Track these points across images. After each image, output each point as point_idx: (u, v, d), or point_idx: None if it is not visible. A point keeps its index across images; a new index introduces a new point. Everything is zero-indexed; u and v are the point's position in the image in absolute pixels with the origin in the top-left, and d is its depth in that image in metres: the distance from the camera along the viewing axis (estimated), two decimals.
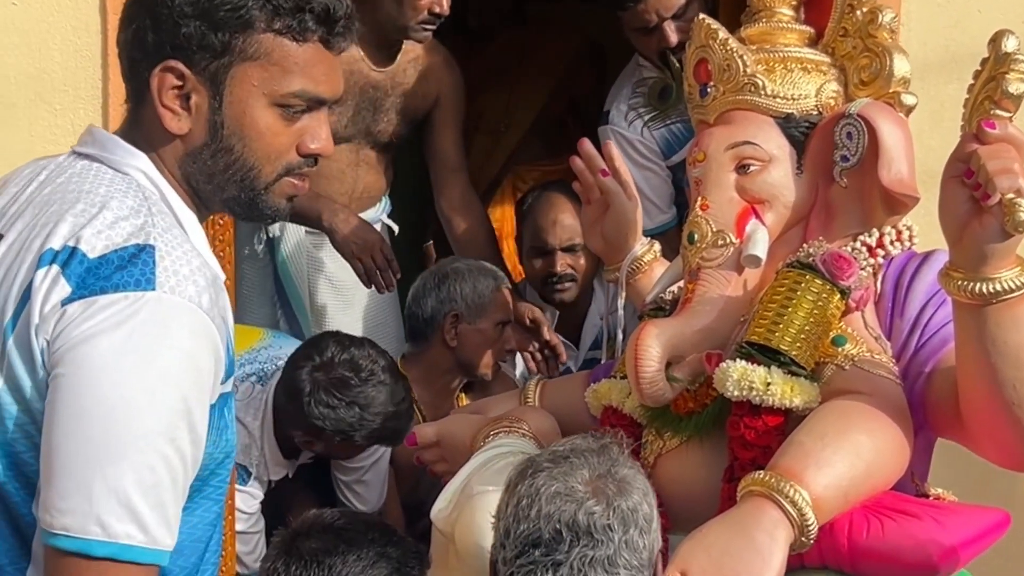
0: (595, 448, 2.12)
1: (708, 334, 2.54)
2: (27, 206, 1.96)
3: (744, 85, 2.58)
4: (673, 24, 3.65)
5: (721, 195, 2.57)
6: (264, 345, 3.60)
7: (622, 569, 2.04)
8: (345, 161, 3.94)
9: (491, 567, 2.15)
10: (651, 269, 2.96)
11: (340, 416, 3.26)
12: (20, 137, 2.81)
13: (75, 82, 2.83)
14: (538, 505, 2.06)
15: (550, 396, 3.02)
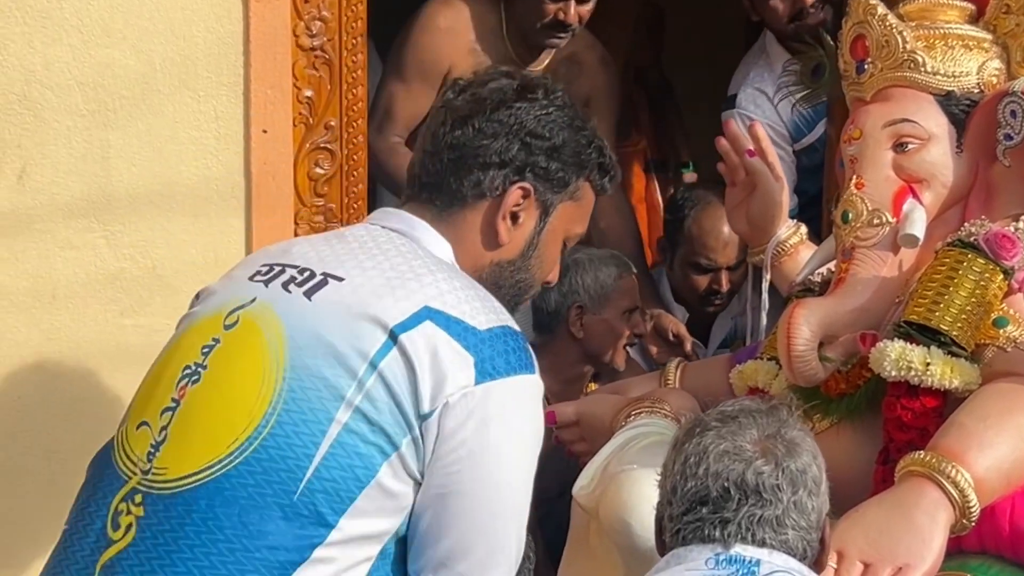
0: (764, 409, 2.12)
1: (862, 314, 2.50)
2: (350, 256, 2.05)
3: (903, 62, 2.53)
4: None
5: (877, 173, 2.53)
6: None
7: (790, 530, 2.04)
8: None
9: (656, 523, 2.16)
10: (796, 252, 2.91)
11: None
12: (165, 123, 2.86)
13: (217, 69, 2.88)
14: (706, 463, 2.06)
15: (691, 378, 3.00)
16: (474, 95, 2.11)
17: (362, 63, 3.06)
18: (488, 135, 2.08)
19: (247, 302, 2.03)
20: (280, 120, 2.97)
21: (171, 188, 2.91)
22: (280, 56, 2.94)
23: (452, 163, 2.09)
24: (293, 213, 3.01)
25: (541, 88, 2.13)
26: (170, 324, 2.83)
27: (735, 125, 2.93)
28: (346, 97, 3.05)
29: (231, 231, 2.95)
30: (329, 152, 3.05)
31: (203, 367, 2.00)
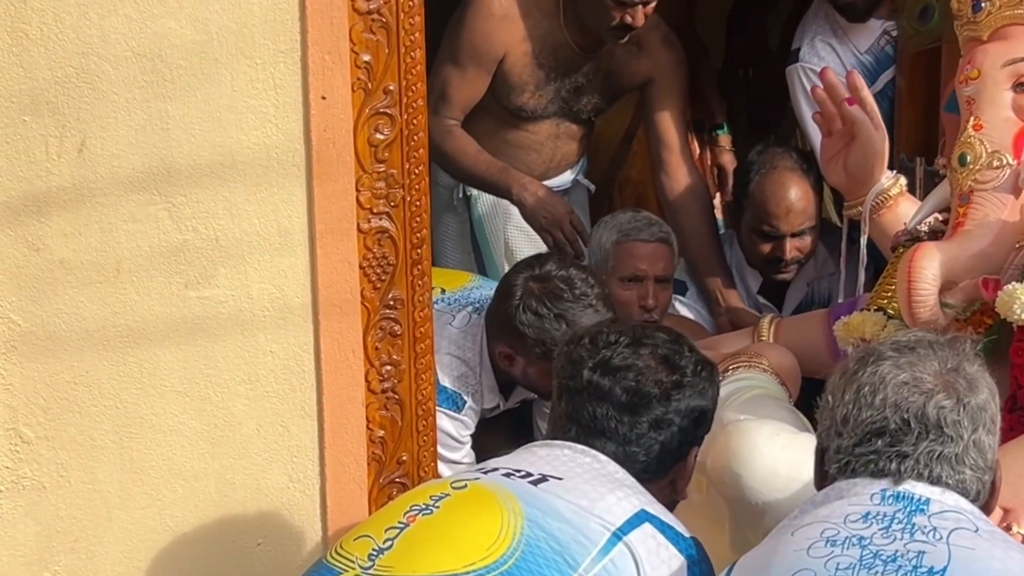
0: (943, 341, 2.03)
1: (983, 259, 2.46)
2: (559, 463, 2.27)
3: None
4: None
5: (996, 114, 2.49)
6: (475, 285, 3.61)
7: (968, 469, 1.97)
8: (545, 134, 4.01)
9: (818, 454, 2.07)
10: (896, 204, 2.89)
11: (545, 327, 3.20)
12: (223, 92, 2.80)
13: (275, 35, 2.81)
14: (883, 393, 1.97)
15: (786, 334, 2.96)
16: (632, 389, 2.30)
17: (419, 25, 2.96)
18: (666, 429, 2.30)
19: (472, 479, 2.27)
20: (339, 86, 2.88)
21: (231, 158, 2.82)
22: (337, 21, 2.86)
23: (639, 454, 2.30)
24: (355, 180, 2.91)
25: (690, 366, 2.34)
26: (235, 295, 2.83)
27: (831, 74, 2.88)
28: (404, 61, 2.96)
29: (293, 200, 2.86)
30: (389, 117, 2.95)
31: (436, 507, 2.22)
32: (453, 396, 3.38)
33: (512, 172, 3.80)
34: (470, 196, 4.11)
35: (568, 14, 3.78)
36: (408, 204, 3.00)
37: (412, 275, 3.03)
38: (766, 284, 3.98)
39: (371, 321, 2.97)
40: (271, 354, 2.85)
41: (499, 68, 3.82)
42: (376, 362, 2.99)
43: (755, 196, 3.85)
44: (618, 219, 3.73)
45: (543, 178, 3.97)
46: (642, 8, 3.65)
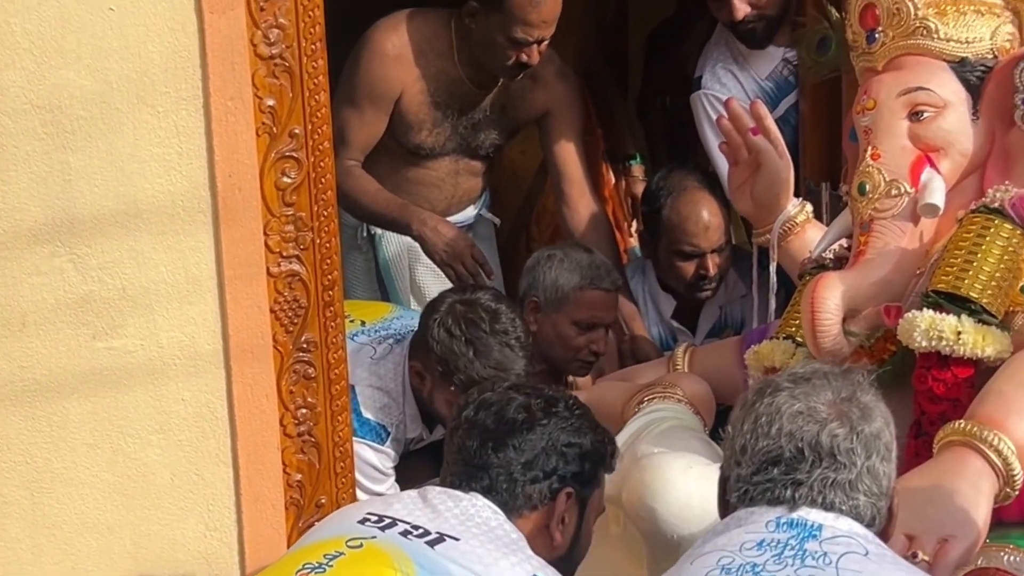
0: (838, 372, 2.06)
1: (884, 287, 2.48)
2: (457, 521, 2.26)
3: (915, 29, 2.53)
4: None
5: (893, 143, 2.52)
6: (396, 316, 3.58)
7: (861, 495, 1.99)
8: (445, 171, 4.02)
9: (721, 484, 2.09)
10: (804, 230, 2.91)
11: (451, 347, 3.20)
12: (126, 141, 2.79)
13: (176, 83, 2.81)
14: (779, 423, 2.00)
15: (700, 362, 2.97)
16: (500, 416, 2.32)
17: (323, 69, 2.97)
18: (529, 453, 2.29)
19: (368, 536, 2.23)
20: (243, 131, 2.88)
21: (136, 207, 2.80)
22: (239, 66, 2.85)
23: (502, 480, 2.29)
24: (262, 224, 2.91)
25: (561, 401, 2.36)
26: (144, 345, 2.80)
27: (736, 104, 2.91)
28: (309, 104, 2.96)
29: (200, 246, 2.84)
30: (295, 160, 2.95)
31: (329, 566, 2.19)
32: (376, 428, 3.37)
33: (412, 208, 3.82)
34: (375, 235, 4.12)
35: (462, 52, 3.80)
36: (318, 246, 2.99)
37: (325, 317, 3.02)
38: (679, 308, 4.00)
39: (284, 365, 2.96)
40: (183, 402, 2.83)
41: (396, 107, 3.83)
42: (291, 406, 2.97)
43: (671, 219, 3.87)
44: (577, 260, 3.68)
45: (446, 214, 3.99)
46: (537, 47, 3.67)
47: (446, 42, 3.84)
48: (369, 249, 4.14)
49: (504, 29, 3.64)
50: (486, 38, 3.69)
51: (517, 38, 3.63)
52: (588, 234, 3.99)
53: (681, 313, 4.01)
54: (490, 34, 3.67)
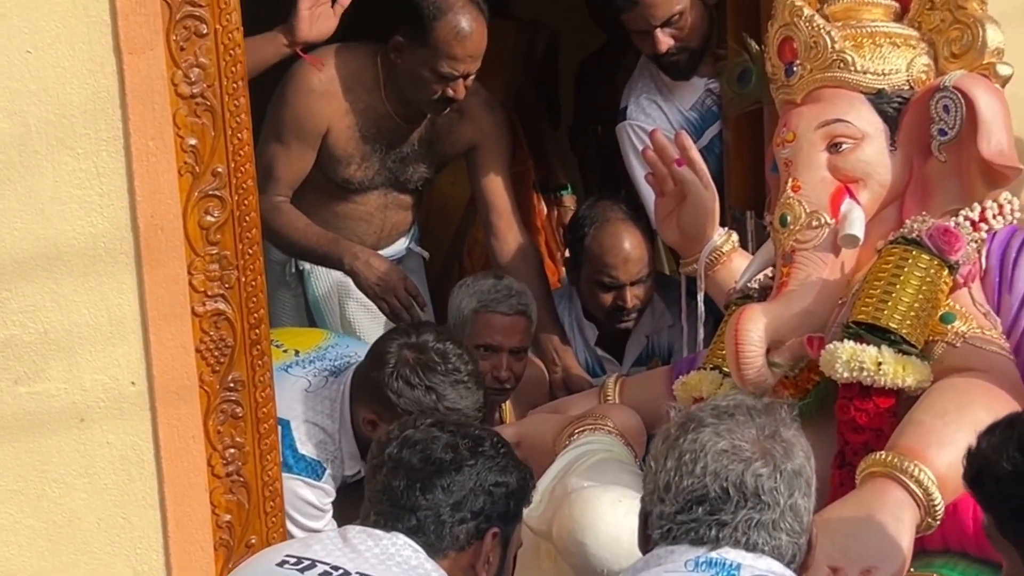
0: (761, 407, 2.05)
1: (807, 317, 2.49)
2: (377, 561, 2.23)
3: (833, 62, 2.54)
4: (666, 31, 3.71)
5: (813, 175, 2.53)
6: (330, 344, 3.54)
7: (784, 534, 1.98)
8: (374, 205, 4.00)
9: (642, 518, 2.08)
10: (730, 260, 2.92)
11: (415, 397, 3.15)
12: (45, 183, 2.77)
13: (95, 124, 2.80)
14: (704, 462, 1.99)
15: (631, 393, 2.97)
16: (427, 456, 2.29)
17: (245, 107, 2.96)
18: (458, 494, 2.27)
19: None
20: (164, 171, 2.86)
21: (57, 249, 2.78)
22: (159, 106, 2.84)
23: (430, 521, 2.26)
24: (186, 264, 2.89)
25: (487, 440, 2.33)
26: (67, 388, 2.78)
27: (661, 136, 2.92)
28: (232, 142, 2.95)
29: (123, 288, 2.82)
30: (219, 199, 2.94)
31: None
32: (312, 464, 3.32)
33: (343, 242, 3.81)
34: (303, 271, 4.10)
35: (389, 87, 3.80)
36: (243, 285, 2.97)
37: (252, 355, 3.00)
38: (604, 336, 4.01)
39: (211, 405, 2.94)
40: (108, 445, 2.80)
41: (323, 142, 3.82)
42: (219, 446, 2.96)
43: (592, 249, 3.88)
44: (479, 285, 3.69)
45: (375, 248, 3.98)
46: (463, 81, 3.67)
47: (372, 77, 3.83)
48: (298, 285, 4.11)
49: (430, 64, 3.64)
50: (412, 72, 3.68)
51: (443, 72, 3.63)
52: (517, 265, 3.97)
53: (607, 341, 4.01)
54: (416, 68, 3.66)
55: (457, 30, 3.61)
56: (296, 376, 3.37)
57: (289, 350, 3.42)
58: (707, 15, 3.82)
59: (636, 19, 3.78)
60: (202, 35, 2.85)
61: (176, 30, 2.81)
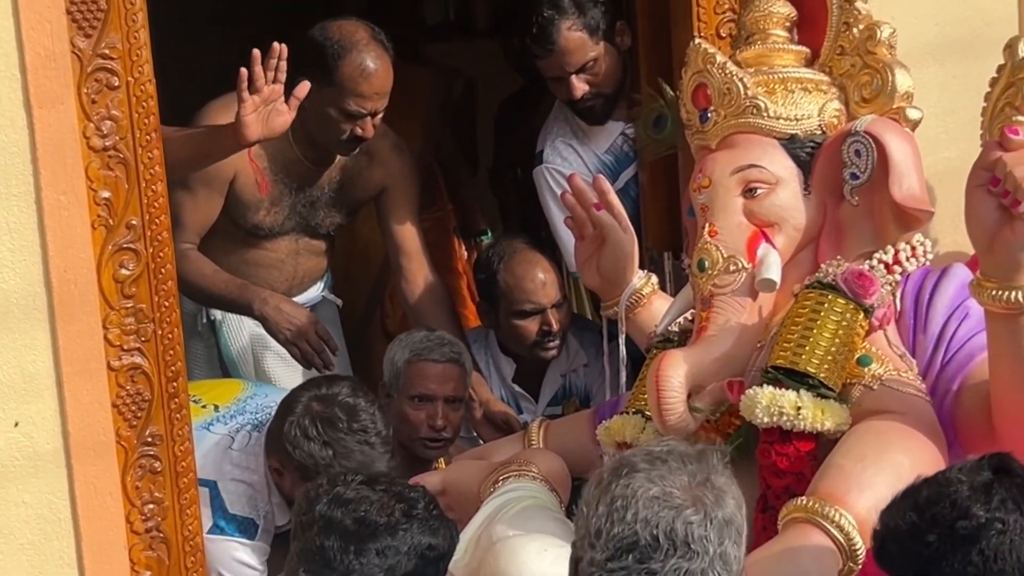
0: (693, 453, 2.05)
1: (727, 362, 2.50)
2: None
3: (746, 108, 2.55)
4: (580, 77, 3.75)
5: (729, 220, 2.54)
6: (250, 394, 3.51)
7: None
8: (285, 251, 3.96)
9: (572, 564, 2.05)
10: (650, 302, 2.92)
11: (310, 450, 3.12)
12: None
13: (6, 179, 2.79)
14: (635, 508, 1.96)
15: (555, 437, 2.96)
16: (360, 518, 2.25)
17: (159, 159, 2.95)
18: (392, 558, 2.23)
19: None
20: (77, 225, 2.84)
21: None
22: (71, 160, 2.83)
23: None
24: (101, 318, 2.87)
25: (420, 501, 2.30)
26: None
27: (579, 180, 2.93)
28: (146, 194, 2.93)
29: (36, 344, 2.80)
30: (134, 252, 2.92)
31: None
32: (244, 523, 3.28)
33: (252, 287, 3.77)
34: (215, 321, 4.05)
35: (297, 130, 3.77)
36: (160, 337, 2.95)
37: (170, 409, 2.98)
38: (522, 372, 4.02)
39: (129, 460, 2.91)
40: (24, 504, 2.77)
41: (231, 188, 3.77)
42: (137, 502, 2.93)
43: (507, 282, 3.89)
44: (412, 337, 3.68)
45: (288, 295, 3.94)
46: (371, 119, 3.66)
47: None
48: (211, 336, 4.05)
49: (337, 103, 3.62)
50: (319, 113, 3.66)
51: (350, 111, 3.62)
52: (427, 307, 3.97)
53: (523, 377, 4.02)
54: (323, 108, 3.64)
55: (362, 68, 3.60)
56: (218, 434, 3.33)
57: (208, 405, 3.38)
58: (620, 61, 3.86)
59: (551, 66, 3.81)
60: (114, 87, 2.83)
61: (87, 83, 2.80)
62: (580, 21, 3.78)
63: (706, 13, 3.43)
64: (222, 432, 3.35)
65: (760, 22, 2.68)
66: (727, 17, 3.43)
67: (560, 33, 3.76)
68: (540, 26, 3.77)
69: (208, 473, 3.16)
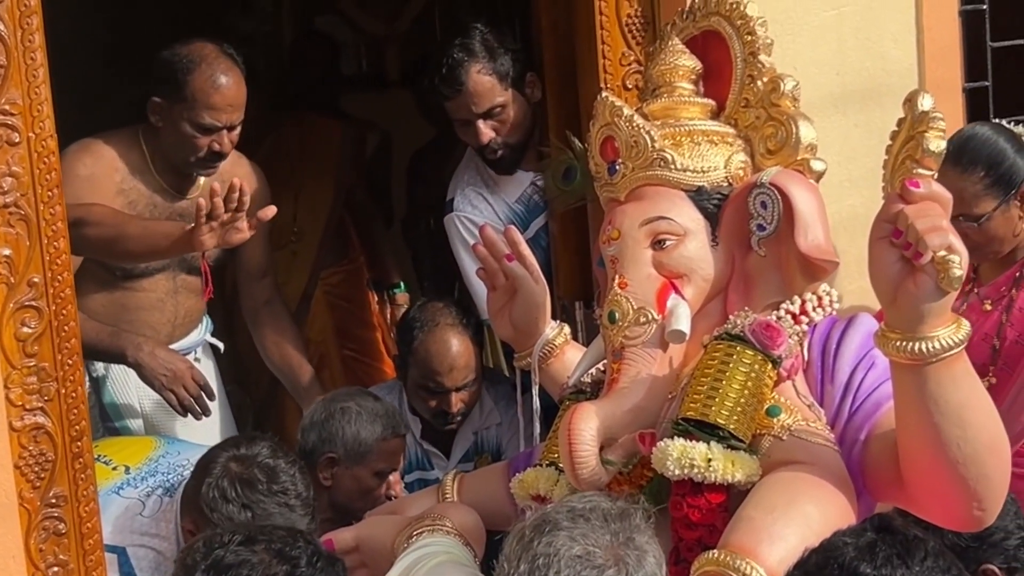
0: (616, 512, 2.05)
1: (638, 413, 2.49)
2: None
3: (653, 160, 2.56)
4: (488, 122, 3.76)
5: (639, 272, 2.54)
6: (161, 453, 3.44)
7: None
8: (163, 290, 3.93)
9: None
10: (563, 352, 2.93)
11: (228, 512, 3.06)
12: None
13: None
14: (557, 567, 1.98)
15: (469, 490, 2.94)
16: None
17: (61, 215, 2.92)
18: None
19: None
20: None
21: None
22: None
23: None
24: (2, 377, 2.83)
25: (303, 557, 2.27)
26: None
27: (490, 231, 2.93)
28: (48, 251, 2.90)
29: None
30: (36, 310, 2.88)
31: None
32: None
33: (124, 334, 3.73)
34: (98, 376, 4.00)
35: (157, 161, 3.77)
36: (63, 397, 2.92)
37: (74, 469, 2.93)
38: (432, 429, 4.01)
39: (33, 522, 2.87)
40: None
41: None
42: (41, 564, 2.88)
43: (419, 353, 3.89)
44: (373, 411, 3.64)
45: (170, 340, 3.92)
46: (227, 133, 3.66)
47: (139, 155, 3.80)
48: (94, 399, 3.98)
49: (191, 117, 3.63)
50: (175, 131, 3.67)
51: (205, 124, 3.63)
52: (272, 326, 4.08)
53: (434, 434, 4.02)
54: (178, 125, 3.66)
55: (213, 79, 3.63)
56: (129, 498, 3.26)
57: (119, 467, 3.31)
58: (530, 111, 3.89)
59: (459, 107, 3.84)
60: (14, 143, 2.81)
61: None
62: (490, 66, 3.81)
63: (612, 65, 3.48)
64: (133, 496, 3.28)
65: (666, 75, 2.70)
66: (632, 69, 3.49)
67: (469, 75, 3.80)
68: (450, 67, 3.80)
69: (117, 539, 3.10)
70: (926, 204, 2.13)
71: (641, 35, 3.56)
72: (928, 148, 2.14)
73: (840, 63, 3.77)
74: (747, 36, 2.63)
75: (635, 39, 3.56)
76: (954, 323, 2.18)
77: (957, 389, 2.21)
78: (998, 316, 3.61)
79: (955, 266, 2.09)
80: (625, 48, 3.56)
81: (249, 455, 3.10)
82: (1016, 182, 3.45)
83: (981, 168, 3.40)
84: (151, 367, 3.70)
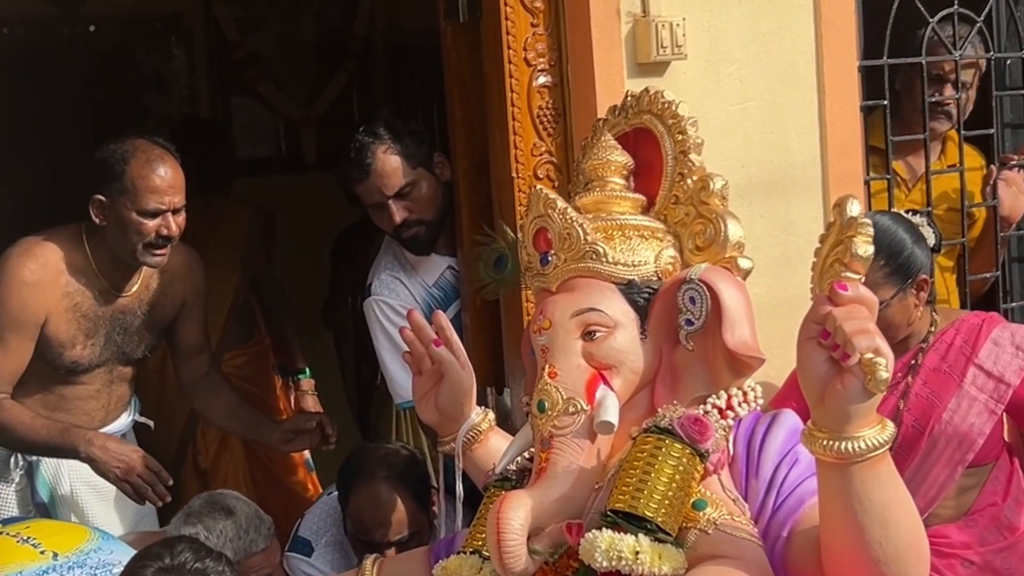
0: None
1: (566, 503, 2.51)
2: None
3: (585, 253, 2.59)
4: (399, 203, 3.81)
5: (569, 362, 2.56)
6: (93, 547, 3.31)
7: None
8: (100, 381, 3.99)
9: None
10: (487, 438, 2.94)
11: None
12: None
13: None
14: None
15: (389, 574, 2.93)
16: None
17: None
18: None
19: None
20: None
21: None
22: None
23: None
24: None
25: None
26: None
27: (418, 315, 2.95)
28: None
29: None
30: None
31: None
32: None
33: (74, 430, 3.75)
34: (31, 462, 4.00)
35: (98, 259, 3.80)
36: None
37: None
38: None
39: None
40: None
41: (43, 332, 3.77)
42: None
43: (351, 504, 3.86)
44: (224, 534, 3.63)
45: (103, 424, 3.94)
46: (173, 216, 3.69)
47: (82, 255, 3.84)
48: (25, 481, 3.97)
49: (136, 205, 3.69)
50: (120, 223, 3.71)
51: (150, 209, 3.68)
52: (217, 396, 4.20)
53: None
54: (123, 215, 3.69)
55: (150, 164, 3.70)
56: None
57: (47, 551, 3.22)
58: (440, 189, 3.94)
59: (370, 190, 3.90)
60: None
61: None
62: (395, 147, 3.88)
63: (523, 155, 3.55)
64: None
65: (598, 169, 2.74)
66: (544, 159, 3.55)
67: (375, 156, 3.86)
68: (357, 151, 3.86)
69: None
70: (854, 307, 2.18)
71: (552, 127, 3.65)
72: (856, 252, 2.19)
73: (746, 155, 3.86)
74: (678, 135, 2.69)
75: (546, 131, 3.65)
76: (879, 424, 2.23)
77: (881, 488, 2.25)
78: (895, 402, 3.70)
79: (882, 368, 2.13)
80: (536, 139, 3.64)
81: (176, 565, 2.99)
82: (913, 271, 3.56)
83: (881, 257, 3.50)
84: (104, 460, 3.70)
